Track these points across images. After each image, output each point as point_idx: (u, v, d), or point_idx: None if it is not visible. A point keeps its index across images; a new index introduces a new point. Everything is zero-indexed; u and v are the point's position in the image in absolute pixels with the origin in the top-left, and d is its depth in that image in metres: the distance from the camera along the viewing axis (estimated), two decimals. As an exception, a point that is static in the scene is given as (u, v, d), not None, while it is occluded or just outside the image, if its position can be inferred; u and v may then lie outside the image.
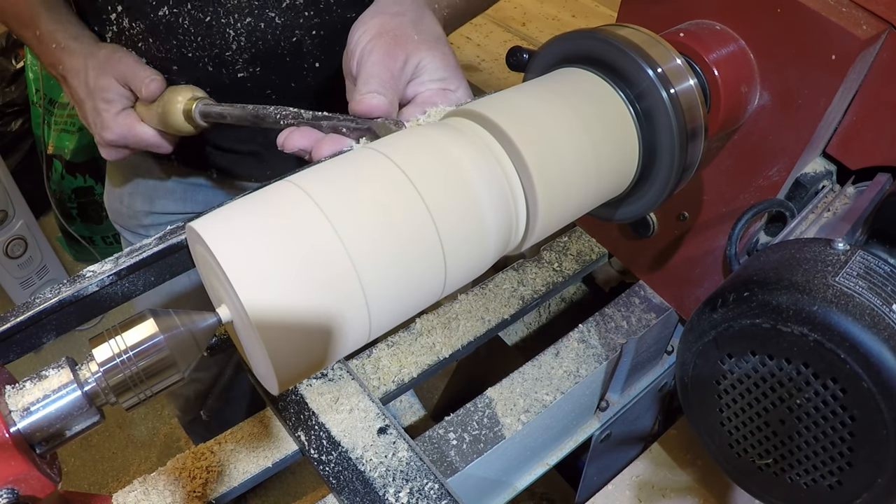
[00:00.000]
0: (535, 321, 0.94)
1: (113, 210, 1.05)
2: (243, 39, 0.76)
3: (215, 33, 0.76)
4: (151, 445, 1.85)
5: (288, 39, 0.77)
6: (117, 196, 1.02)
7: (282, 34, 0.76)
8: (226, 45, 0.76)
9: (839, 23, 0.46)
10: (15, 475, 0.33)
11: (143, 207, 0.99)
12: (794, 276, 0.42)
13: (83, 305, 0.49)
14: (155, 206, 0.99)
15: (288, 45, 0.78)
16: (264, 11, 0.75)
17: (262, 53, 0.78)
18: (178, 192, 0.98)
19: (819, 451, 0.43)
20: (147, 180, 0.98)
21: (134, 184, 0.99)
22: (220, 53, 0.77)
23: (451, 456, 0.60)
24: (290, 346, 0.35)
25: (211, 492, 0.58)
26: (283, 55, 0.78)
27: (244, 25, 0.75)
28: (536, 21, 1.46)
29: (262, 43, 0.77)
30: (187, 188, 0.97)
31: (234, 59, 0.78)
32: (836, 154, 0.57)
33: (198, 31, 0.76)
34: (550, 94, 0.45)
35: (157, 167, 0.96)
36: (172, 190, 0.97)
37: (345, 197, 0.37)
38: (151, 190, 0.98)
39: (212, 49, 0.77)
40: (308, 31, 0.78)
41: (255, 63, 0.79)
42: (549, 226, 0.45)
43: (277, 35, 0.76)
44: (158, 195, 0.98)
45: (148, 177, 0.97)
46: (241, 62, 0.78)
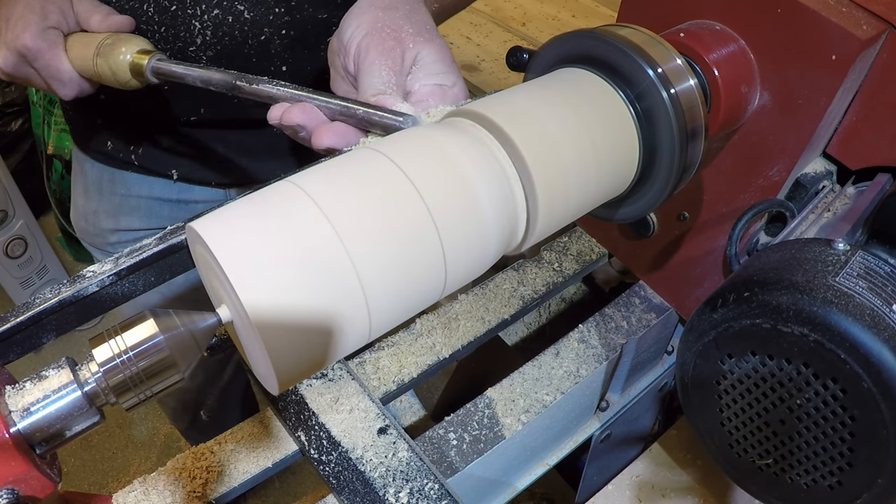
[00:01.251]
0: (535, 321, 0.94)
1: (80, 229, 1.03)
2: (209, 33, 0.73)
3: (180, 24, 0.72)
4: (151, 445, 1.85)
5: (256, 37, 0.74)
6: (82, 214, 1.00)
7: (250, 30, 0.74)
8: (190, 39, 0.73)
9: (839, 23, 0.46)
10: (15, 475, 0.33)
11: (108, 225, 0.97)
12: (795, 277, 0.42)
13: (83, 305, 0.49)
14: (120, 224, 0.97)
15: (255, 44, 0.75)
16: (233, 4, 0.72)
17: (228, 51, 0.75)
18: (142, 209, 0.95)
19: (819, 452, 0.43)
20: (110, 197, 0.95)
21: (97, 201, 0.96)
22: (183, 48, 0.74)
23: (451, 456, 0.60)
24: (290, 346, 0.35)
25: (211, 492, 0.58)
26: (250, 55, 0.76)
27: (211, 18, 0.72)
28: (536, 21, 1.46)
29: (228, 38, 0.74)
30: (151, 203, 0.95)
31: (198, 56, 0.75)
32: (837, 154, 0.57)
33: (162, 21, 0.72)
34: (550, 95, 0.45)
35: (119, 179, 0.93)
36: (136, 206, 0.95)
37: (345, 197, 0.37)
38: (116, 207, 0.95)
39: (175, 42, 0.74)
40: (277, 30, 0.75)
41: (220, 61, 0.76)
42: (550, 226, 0.45)
43: (245, 31, 0.74)
44: (123, 212, 0.96)
45: (110, 194, 0.95)
46: (205, 59, 0.75)
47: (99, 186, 0.95)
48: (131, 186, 0.94)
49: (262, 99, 0.58)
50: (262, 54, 0.76)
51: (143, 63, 0.65)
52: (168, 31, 0.73)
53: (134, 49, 0.65)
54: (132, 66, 0.65)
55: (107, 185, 0.95)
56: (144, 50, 0.65)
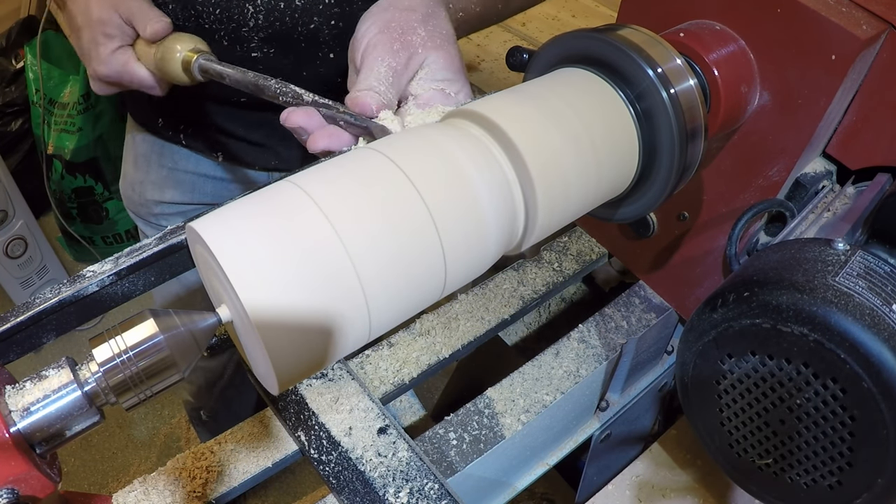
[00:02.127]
0: (535, 321, 0.94)
1: (126, 197, 1.07)
2: (261, 17, 0.76)
3: (234, 7, 0.76)
4: (151, 445, 1.85)
5: (306, 25, 0.77)
6: (129, 184, 1.04)
7: (300, 18, 0.77)
8: (243, 21, 0.77)
9: (839, 23, 0.46)
10: (15, 475, 0.33)
11: (153, 196, 1.01)
12: (795, 277, 0.42)
13: (83, 305, 0.49)
14: (165, 196, 1.00)
15: (305, 31, 0.78)
16: None
17: (279, 35, 0.78)
18: (186, 183, 0.99)
19: (819, 451, 0.43)
20: (158, 169, 0.99)
21: (145, 172, 1.00)
22: (236, 28, 0.77)
23: (451, 456, 0.60)
24: (290, 345, 0.35)
25: (211, 492, 0.58)
26: (299, 40, 0.79)
27: (263, 3, 0.75)
28: (536, 21, 1.46)
29: (279, 24, 0.77)
30: (196, 179, 0.99)
31: (250, 37, 0.78)
32: (836, 154, 0.57)
33: (217, 3, 0.76)
34: (550, 95, 0.45)
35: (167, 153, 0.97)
36: (181, 180, 0.99)
37: (345, 197, 0.37)
38: (162, 179, 0.99)
39: (229, 23, 0.77)
40: (327, 20, 0.78)
41: (271, 44, 0.79)
42: (549, 226, 0.45)
43: (296, 18, 0.77)
44: (168, 185, 0.99)
45: (158, 167, 0.99)
46: (256, 41, 0.78)
47: (147, 158, 0.99)
48: (179, 161, 0.97)
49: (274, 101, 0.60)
50: (311, 41, 0.79)
51: (191, 59, 0.68)
52: (223, 12, 0.76)
53: (186, 48, 0.69)
54: (183, 64, 0.69)
55: (155, 158, 0.98)
56: (195, 49, 0.69)
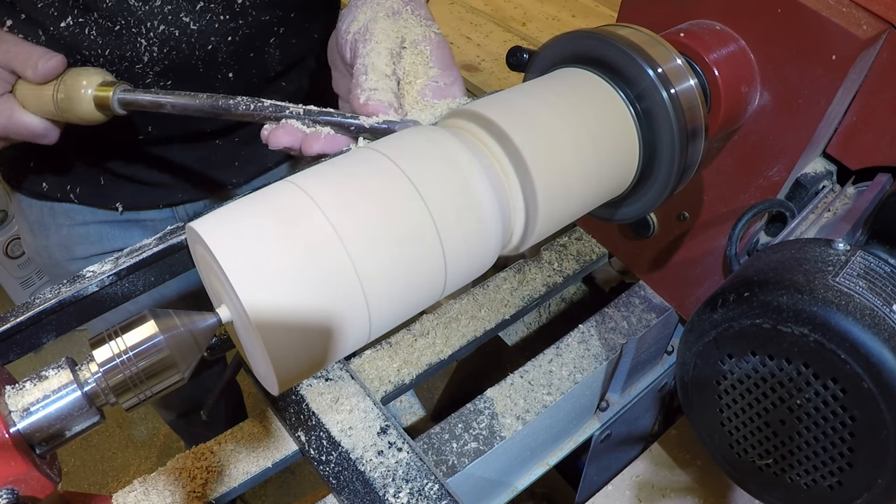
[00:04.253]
0: (535, 321, 0.94)
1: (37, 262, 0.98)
2: (156, 50, 0.70)
3: (126, 43, 0.69)
4: (151, 445, 1.85)
5: (203, 48, 0.72)
6: (34, 251, 0.96)
7: (197, 41, 0.71)
8: (137, 58, 0.70)
9: (839, 23, 0.46)
10: (15, 475, 0.33)
11: (62, 256, 0.93)
12: (795, 277, 0.42)
13: (83, 305, 0.49)
14: (74, 253, 0.93)
15: (203, 54, 0.72)
16: (178, 17, 0.69)
17: (175, 64, 0.72)
18: (92, 235, 0.91)
19: (819, 452, 0.43)
20: (56, 230, 0.91)
21: (45, 238, 0.93)
22: (129, 67, 0.71)
23: (451, 456, 0.60)
24: (290, 346, 0.35)
25: (211, 492, 0.58)
26: (196, 66, 0.73)
27: (157, 34, 0.69)
28: (536, 21, 1.46)
29: (175, 52, 0.71)
30: (101, 228, 0.91)
31: (145, 73, 0.72)
32: (837, 154, 0.57)
33: (106, 43, 0.68)
34: (551, 95, 0.45)
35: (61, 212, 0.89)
36: (86, 234, 0.91)
37: (345, 197, 0.37)
38: (65, 239, 0.92)
39: (122, 62, 0.70)
40: (223, 38, 0.73)
41: (167, 75, 0.73)
42: (550, 226, 0.45)
43: (192, 43, 0.71)
44: (74, 242, 0.92)
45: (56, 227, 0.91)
46: (152, 75, 0.72)
47: (42, 223, 0.91)
48: (75, 216, 0.90)
49: (247, 120, 0.56)
50: (208, 64, 0.74)
51: (108, 96, 0.62)
52: (113, 52, 0.69)
53: (94, 84, 0.62)
54: (97, 102, 0.62)
55: (49, 220, 0.90)
56: (105, 82, 0.62)
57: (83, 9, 0.66)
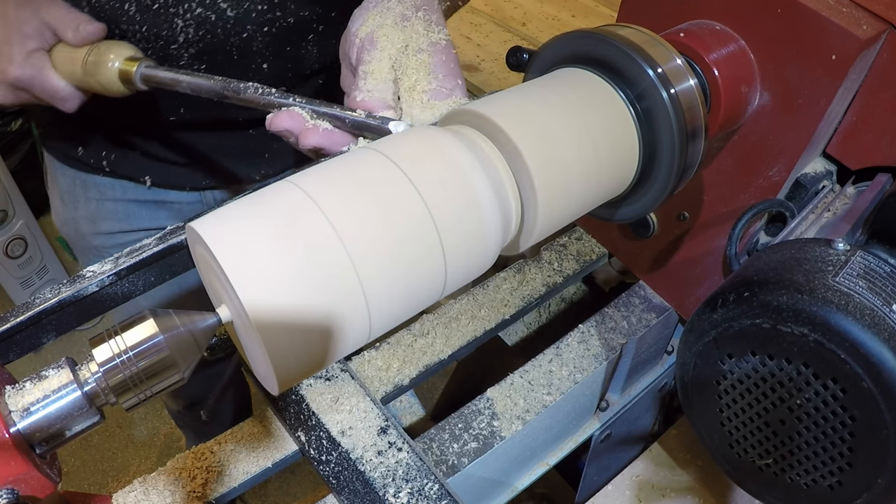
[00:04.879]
0: (535, 321, 0.94)
1: (63, 233, 1.02)
2: (191, 31, 0.72)
3: (163, 22, 0.71)
4: (151, 445, 1.85)
5: (238, 35, 0.74)
6: (62, 221, 1.00)
7: (232, 28, 0.73)
8: (172, 38, 0.72)
9: (839, 23, 0.46)
10: (15, 475, 0.33)
11: (88, 230, 0.97)
12: (795, 277, 0.42)
13: (83, 305, 0.49)
14: (100, 227, 0.96)
15: (238, 41, 0.74)
16: (216, 2, 0.71)
17: (210, 48, 0.74)
18: (119, 212, 0.95)
19: (819, 452, 0.43)
20: (86, 203, 0.94)
21: (74, 209, 0.96)
22: (165, 46, 0.73)
23: (451, 456, 0.60)
24: (290, 346, 0.35)
25: (211, 492, 0.58)
26: (231, 52, 0.75)
27: (194, 16, 0.71)
28: (536, 21, 1.46)
29: (210, 36, 0.73)
30: (128, 206, 0.94)
31: (180, 54, 0.74)
32: (837, 154, 0.57)
33: (144, 20, 0.71)
34: (551, 95, 0.45)
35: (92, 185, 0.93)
36: (113, 210, 0.94)
37: (345, 197, 0.37)
38: (93, 213, 0.95)
39: (157, 41, 0.72)
40: (260, 28, 0.74)
41: (202, 59, 0.75)
42: (550, 226, 0.45)
43: (228, 29, 0.73)
44: (101, 217, 0.95)
45: (85, 200, 0.94)
46: (186, 57, 0.74)
47: (73, 193, 0.95)
48: (105, 191, 0.93)
49: (252, 106, 0.58)
50: (243, 52, 0.75)
51: (131, 70, 0.64)
52: (150, 29, 0.72)
53: (122, 57, 0.65)
54: (121, 75, 0.65)
55: (80, 192, 0.94)
56: (132, 57, 0.65)
57: None
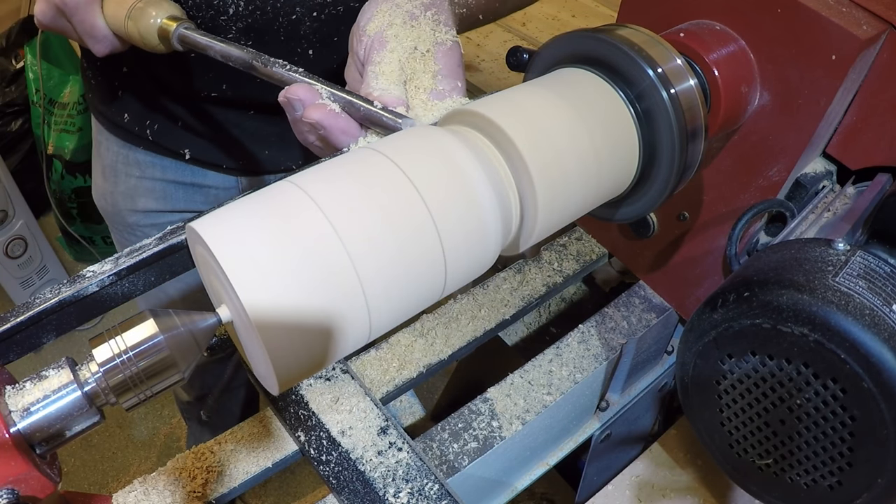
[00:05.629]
0: (535, 321, 0.94)
1: (100, 207, 1.06)
2: (241, 5, 0.74)
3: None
4: (151, 445, 1.85)
5: (287, 16, 0.75)
6: (101, 194, 1.03)
7: (282, 7, 0.75)
8: (223, 8, 0.74)
9: (839, 23, 0.46)
10: (15, 475, 0.33)
11: (125, 206, 1.00)
12: (795, 277, 0.42)
13: (83, 305, 0.49)
14: (137, 205, 0.99)
15: (286, 22, 0.76)
16: None
17: (258, 25, 0.76)
18: (157, 191, 0.98)
19: (819, 452, 0.43)
20: (126, 179, 0.98)
21: (114, 183, 0.99)
22: (214, 16, 0.75)
23: (451, 456, 0.60)
24: (290, 346, 0.35)
25: (211, 492, 0.58)
26: (279, 32, 0.77)
27: None
28: (536, 21, 1.46)
29: (259, 13, 0.75)
30: (166, 186, 0.98)
31: (228, 26, 0.76)
32: (837, 154, 0.57)
33: None
34: (551, 95, 0.45)
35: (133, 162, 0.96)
36: (151, 189, 0.98)
37: (345, 197, 0.37)
38: (132, 189, 0.98)
39: (208, 9, 0.74)
40: (309, 12, 0.76)
41: (249, 35, 0.77)
42: (550, 226, 0.45)
43: (277, 8, 0.75)
44: (139, 194, 0.99)
45: (126, 176, 0.98)
46: (234, 31, 0.76)
47: (114, 168, 0.98)
48: (145, 168, 0.96)
49: (275, 81, 0.58)
50: (290, 34, 0.77)
51: (170, 29, 0.65)
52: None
53: (164, 14, 0.66)
54: (160, 31, 0.66)
55: (122, 167, 0.97)
56: (174, 16, 0.66)
57: None
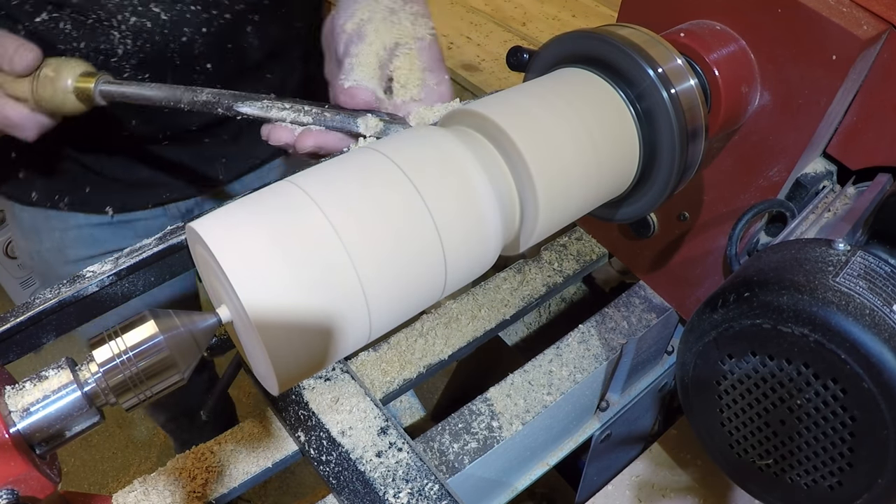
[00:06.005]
0: (535, 321, 0.94)
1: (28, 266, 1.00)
2: (129, 42, 0.70)
3: (100, 36, 0.69)
4: (151, 445, 1.85)
5: (177, 39, 0.72)
6: (27, 255, 0.97)
7: (170, 33, 0.71)
8: (111, 50, 0.70)
9: (840, 23, 0.46)
10: (15, 476, 0.33)
11: (54, 259, 0.94)
12: (795, 277, 0.42)
13: (83, 305, 0.49)
14: (67, 256, 0.93)
15: (177, 46, 0.72)
16: (149, 7, 0.69)
17: (151, 58, 0.72)
18: (84, 238, 0.92)
19: (819, 452, 0.43)
20: (49, 234, 0.92)
21: (38, 242, 0.93)
22: (105, 60, 0.71)
23: (451, 456, 0.60)
24: (290, 346, 0.35)
25: (211, 492, 0.58)
26: (173, 58, 0.73)
27: (129, 26, 0.69)
28: (536, 21, 1.46)
29: (149, 45, 0.71)
30: (93, 230, 0.92)
31: (122, 66, 0.72)
32: (837, 154, 0.57)
33: (81, 36, 0.69)
34: (551, 95, 0.45)
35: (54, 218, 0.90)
36: (78, 237, 0.92)
37: (345, 197, 0.37)
38: (58, 242, 0.92)
39: (97, 56, 0.70)
40: (198, 29, 0.73)
41: (143, 69, 0.73)
42: (550, 226, 0.45)
43: (165, 34, 0.71)
44: (66, 245, 0.92)
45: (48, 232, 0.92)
46: (128, 68, 0.72)
47: (35, 228, 0.92)
48: (67, 220, 0.90)
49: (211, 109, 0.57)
50: (185, 56, 0.74)
51: (89, 87, 0.61)
52: (88, 45, 0.69)
53: (75, 73, 0.61)
54: (78, 93, 0.61)
55: (41, 224, 0.91)
56: (87, 73, 0.61)
57: (56, 4, 0.67)
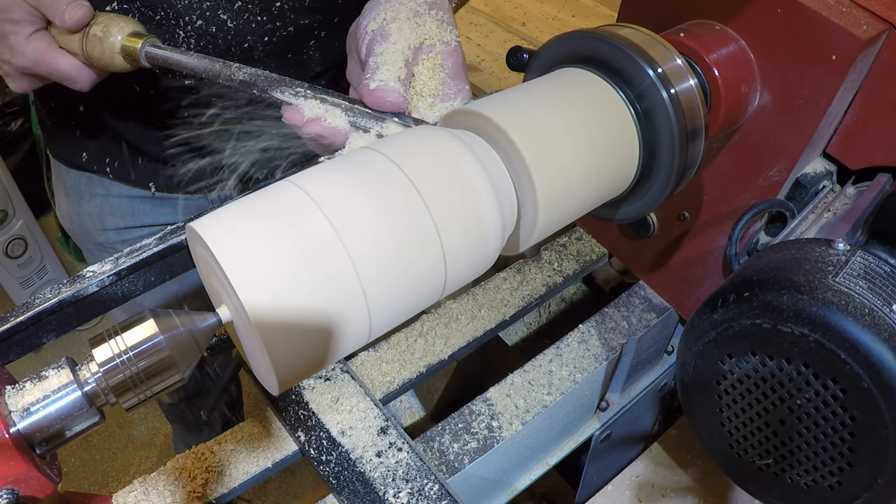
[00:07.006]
0: (535, 321, 0.94)
1: (67, 228, 1.03)
2: (193, 42, 0.73)
3: (164, 33, 0.72)
4: (151, 445, 1.85)
5: (239, 45, 0.74)
6: (66, 216, 1.00)
7: (233, 39, 0.74)
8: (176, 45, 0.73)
9: (839, 23, 0.46)
10: (15, 475, 0.33)
11: (93, 225, 0.97)
12: (795, 277, 0.42)
13: (83, 305, 0.49)
14: (106, 224, 0.97)
15: (239, 52, 0.75)
16: (216, 13, 0.72)
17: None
18: (124, 208, 0.95)
19: (819, 452, 0.43)
20: (90, 199, 0.95)
21: (78, 204, 0.96)
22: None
23: (451, 456, 0.60)
24: (290, 346, 0.35)
25: (211, 492, 0.58)
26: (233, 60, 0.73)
27: (195, 28, 0.72)
28: (536, 21, 1.46)
29: (212, 47, 0.74)
30: (132, 202, 0.95)
31: None
32: (837, 154, 0.57)
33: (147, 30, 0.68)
34: (551, 95, 0.45)
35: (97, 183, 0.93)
36: (118, 206, 0.95)
37: (345, 197, 0.37)
38: (98, 209, 0.95)
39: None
40: (260, 38, 0.75)
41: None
42: (550, 226, 0.45)
43: (228, 40, 0.74)
44: (105, 213, 0.96)
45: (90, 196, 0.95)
46: None
47: (78, 190, 0.95)
48: (110, 187, 0.94)
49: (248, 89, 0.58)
50: (245, 60, 0.75)
51: (136, 47, 0.62)
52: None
53: (125, 31, 0.62)
54: (125, 52, 0.62)
55: (85, 188, 0.95)
56: (136, 33, 0.62)
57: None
